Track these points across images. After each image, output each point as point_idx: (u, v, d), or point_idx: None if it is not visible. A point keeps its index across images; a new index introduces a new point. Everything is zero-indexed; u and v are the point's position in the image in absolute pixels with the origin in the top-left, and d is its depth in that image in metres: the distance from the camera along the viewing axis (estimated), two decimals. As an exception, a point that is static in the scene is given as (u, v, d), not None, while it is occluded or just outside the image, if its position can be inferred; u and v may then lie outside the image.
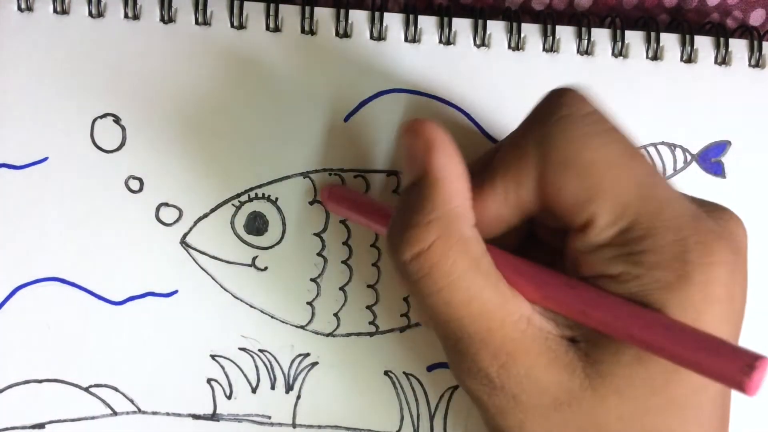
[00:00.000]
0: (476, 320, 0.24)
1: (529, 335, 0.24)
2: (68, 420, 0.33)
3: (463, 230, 0.24)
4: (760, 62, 0.33)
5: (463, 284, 0.24)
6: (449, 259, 0.24)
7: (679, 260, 0.23)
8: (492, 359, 0.24)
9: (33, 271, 0.33)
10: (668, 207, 0.24)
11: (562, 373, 0.24)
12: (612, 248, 0.24)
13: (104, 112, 0.33)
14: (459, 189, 0.25)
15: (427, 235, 0.24)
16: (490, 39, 0.32)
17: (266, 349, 0.33)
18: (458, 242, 0.24)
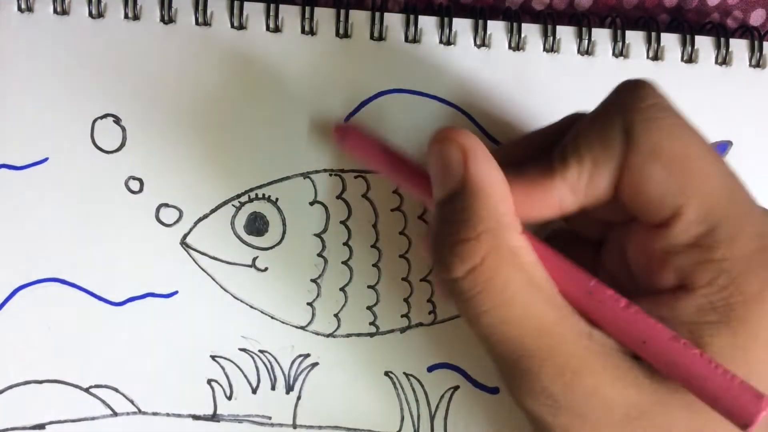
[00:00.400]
0: (536, 337, 0.23)
1: (593, 351, 0.23)
2: (68, 420, 0.33)
3: (514, 241, 0.23)
4: (761, 62, 0.33)
5: (519, 299, 0.23)
6: (503, 273, 0.23)
7: (766, 268, 0.22)
8: (556, 377, 0.23)
9: (33, 272, 0.33)
10: (753, 211, 0.23)
11: (630, 388, 0.23)
12: (695, 251, 0.23)
13: (104, 113, 0.33)
14: (502, 197, 0.24)
15: (478, 250, 0.23)
16: (491, 39, 0.32)
17: (266, 349, 0.33)
18: (510, 255, 0.23)
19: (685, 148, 0.23)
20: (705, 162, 0.23)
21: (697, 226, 0.23)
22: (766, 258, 0.22)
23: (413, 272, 0.33)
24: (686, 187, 0.23)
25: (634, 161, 0.23)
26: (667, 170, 0.23)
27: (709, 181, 0.23)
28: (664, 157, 0.23)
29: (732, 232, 0.22)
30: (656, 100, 0.24)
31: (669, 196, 0.23)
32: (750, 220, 0.23)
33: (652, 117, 0.23)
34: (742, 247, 0.22)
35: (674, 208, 0.23)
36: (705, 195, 0.23)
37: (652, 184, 0.23)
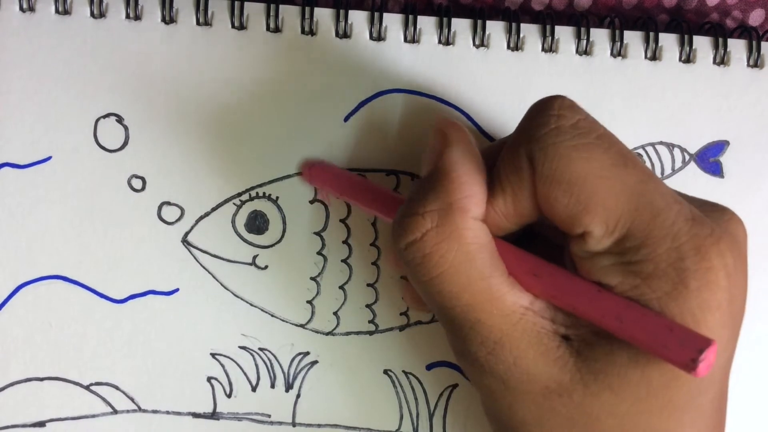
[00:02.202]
0: (466, 310, 0.25)
1: (520, 327, 0.25)
2: (69, 418, 0.33)
3: (460, 222, 0.25)
4: (759, 62, 0.33)
5: (454, 276, 0.25)
6: (440, 249, 0.25)
7: (675, 268, 0.23)
8: (480, 346, 0.25)
9: (35, 270, 0.33)
10: (662, 215, 0.24)
11: (552, 365, 0.25)
12: (609, 256, 0.24)
13: (107, 112, 0.33)
14: (465, 182, 0.25)
15: (421, 225, 0.25)
16: (490, 39, 0.33)
17: (266, 347, 0.33)
18: (452, 234, 0.25)
19: (582, 168, 0.24)
20: (604, 178, 0.24)
21: (605, 240, 0.24)
22: (675, 258, 0.23)
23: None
24: (587, 207, 0.24)
25: (540, 188, 0.25)
26: (567, 193, 0.24)
27: (609, 196, 0.24)
28: (563, 182, 0.24)
29: (640, 238, 0.23)
30: (556, 123, 0.25)
31: (575, 216, 0.24)
32: (657, 223, 0.24)
33: (550, 143, 0.24)
34: (651, 250, 0.23)
35: (582, 227, 0.24)
36: (607, 211, 0.24)
37: (558, 207, 0.24)
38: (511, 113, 0.33)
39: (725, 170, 0.33)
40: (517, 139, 0.25)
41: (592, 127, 0.25)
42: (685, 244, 0.23)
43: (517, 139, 0.26)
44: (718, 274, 0.23)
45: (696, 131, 0.33)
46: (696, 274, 0.23)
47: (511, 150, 0.26)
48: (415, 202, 0.26)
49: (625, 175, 0.24)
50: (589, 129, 0.25)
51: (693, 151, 0.33)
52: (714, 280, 0.23)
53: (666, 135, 0.33)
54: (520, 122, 0.26)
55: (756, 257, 0.33)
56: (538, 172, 0.24)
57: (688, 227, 0.24)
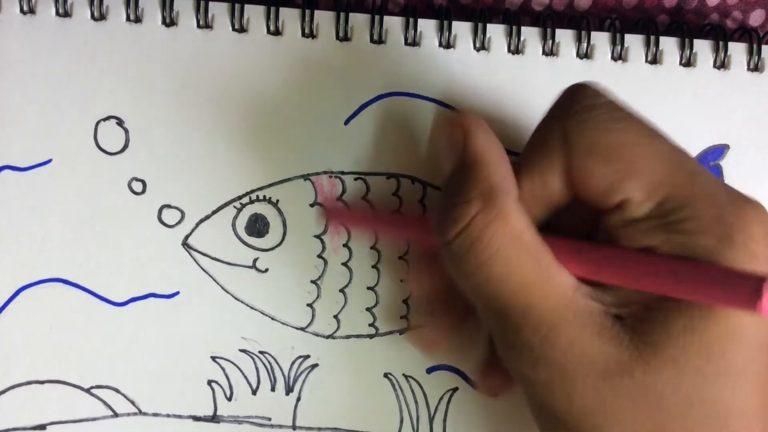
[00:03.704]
0: (516, 294, 0.24)
1: (572, 309, 0.24)
2: (69, 421, 0.33)
3: (503, 204, 0.25)
4: (759, 66, 0.33)
5: (503, 258, 0.24)
6: (489, 232, 0.24)
7: (718, 223, 0.23)
8: (534, 332, 0.24)
9: (36, 272, 0.33)
10: (699, 177, 0.24)
11: (609, 344, 0.24)
12: (650, 221, 0.24)
13: (107, 115, 0.33)
14: (499, 167, 0.26)
15: (467, 211, 0.25)
16: (490, 42, 0.33)
17: (267, 350, 0.33)
18: (498, 216, 0.24)
19: (619, 138, 0.25)
20: (641, 145, 0.25)
21: (646, 204, 0.24)
22: (717, 215, 0.23)
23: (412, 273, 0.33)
24: (626, 173, 0.24)
25: (576, 162, 0.25)
26: (605, 162, 0.24)
27: (648, 162, 0.24)
28: (601, 152, 0.24)
29: (680, 199, 0.24)
30: (590, 101, 0.25)
31: (614, 184, 0.24)
32: (696, 185, 0.24)
33: (585, 117, 0.25)
34: (693, 209, 0.24)
35: (622, 195, 0.24)
36: (646, 175, 0.24)
37: (596, 179, 0.25)
38: (512, 117, 0.33)
39: (725, 174, 0.33)
40: (551, 117, 0.26)
41: (623, 106, 0.26)
42: (725, 203, 0.24)
43: (550, 116, 0.26)
44: (759, 229, 0.24)
45: (696, 135, 0.33)
46: (740, 228, 0.23)
47: (543, 128, 0.26)
48: (454, 193, 0.25)
49: (660, 143, 0.25)
50: (619, 107, 0.25)
51: (693, 155, 0.33)
52: (756, 235, 0.23)
53: (666, 138, 0.33)
54: (552, 103, 0.26)
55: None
56: (575, 145, 0.25)
57: (724, 188, 0.24)
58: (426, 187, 0.33)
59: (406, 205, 0.33)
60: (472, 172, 0.25)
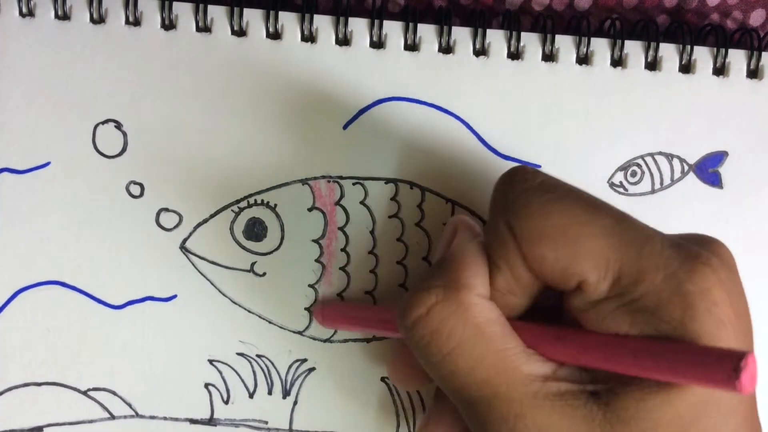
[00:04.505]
0: (481, 386, 0.24)
1: (541, 395, 0.24)
2: (66, 423, 0.33)
3: (464, 297, 0.25)
4: (758, 73, 0.33)
5: (465, 351, 0.24)
6: (449, 324, 0.25)
7: (678, 294, 0.23)
8: (501, 422, 0.24)
9: (34, 275, 0.33)
10: (647, 246, 0.24)
11: (580, 424, 0.24)
12: (611, 301, 0.24)
13: (106, 118, 0.33)
14: (469, 264, 0.26)
15: (425, 300, 0.25)
16: (489, 47, 0.33)
17: (264, 354, 0.33)
18: (458, 309, 0.25)
19: (558, 221, 0.24)
20: (581, 224, 0.24)
21: (602, 284, 0.24)
22: (674, 285, 0.23)
23: (410, 279, 0.33)
24: (575, 256, 0.24)
25: (526, 251, 0.25)
26: (552, 248, 0.24)
27: (591, 241, 0.24)
28: (544, 238, 0.24)
29: (634, 275, 0.24)
30: (522, 186, 0.25)
31: (566, 268, 0.24)
32: (645, 255, 0.24)
33: (522, 204, 0.25)
34: (648, 284, 0.23)
35: (577, 277, 0.24)
36: (595, 255, 0.24)
37: (547, 264, 0.24)
38: (511, 122, 0.33)
39: (724, 181, 0.33)
40: (494, 210, 0.26)
41: (557, 183, 0.25)
42: (678, 270, 0.23)
43: (493, 210, 0.26)
44: (718, 292, 0.23)
45: (695, 141, 0.33)
46: (699, 295, 0.23)
47: (490, 226, 0.26)
48: (420, 281, 0.26)
49: (601, 217, 0.25)
50: (555, 185, 0.25)
51: (692, 162, 0.33)
52: (717, 298, 0.23)
53: (665, 145, 0.33)
54: (490, 200, 0.27)
55: (756, 267, 0.33)
56: (519, 236, 0.25)
57: (676, 253, 0.24)
58: (425, 192, 0.33)
59: (404, 210, 0.33)
60: (443, 266, 0.26)
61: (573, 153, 0.33)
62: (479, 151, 0.33)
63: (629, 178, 0.33)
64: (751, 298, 0.33)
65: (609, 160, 0.33)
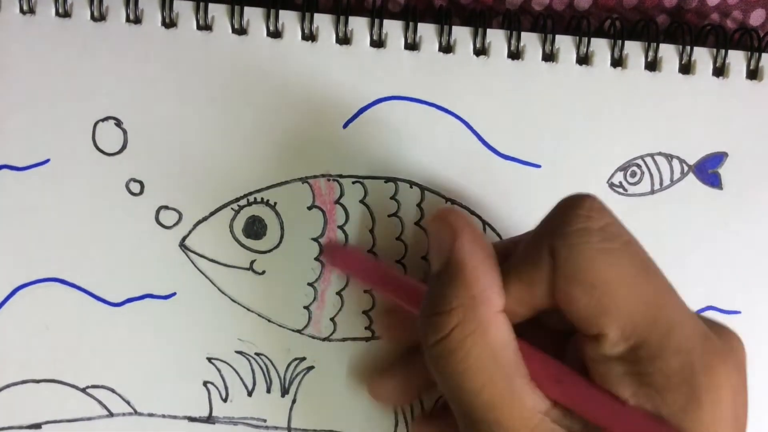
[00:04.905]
0: (485, 408, 0.25)
1: (541, 429, 0.25)
2: (65, 420, 0.33)
3: (483, 317, 0.25)
4: (758, 74, 0.33)
5: (477, 371, 0.25)
6: (466, 344, 0.25)
7: (688, 384, 0.24)
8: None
9: (33, 272, 0.33)
10: (677, 329, 0.24)
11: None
12: (622, 363, 0.24)
13: (106, 115, 0.33)
14: (483, 273, 0.26)
15: (447, 323, 0.25)
16: (489, 47, 0.33)
17: (263, 352, 0.33)
18: (477, 329, 0.25)
19: (605, 272, 0.24)
20: (625, 285, 0.24)
21: (620, 345, 0.24)
22: (688, 373, 0.24)
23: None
24: (606, 310, 0.24)
25: (560, 284, 0.25)
26: (587, 294, 0.24)
27: (628, 304, 0.24)
28: (584, 282, 0.24)
29: (654, 350, 0.24)
30: (585, 224, 0.25)
31: (592, 317, 0.24)
32: (672, 337, 0.24)
33: (575, 242, 0.24)
34: (665, 364, 0.24)
35: (598, 329, 0.24)
36: (625, 317, 0.24)
37: (576, 306, 0.24)
38: (511, 122, 0.33)
39: (724, 182, 0.33)
40: (542, 232, 0.26)
41: (619, 232, 0.25)
42: (697, 361, 0.24)
43: (541, 231, 0.26)
44: (726, 392, 0.24)
45: (695, 142, 0.33)
46: (708, 391, 0.24)
47: (533, 242, 0.26)
48: (438, 299, 0.26)
49: (646, 284, 0.25)
50: (617, 234, 0.25)
51: (692, 162, 0.33)
52: (723, 397, 0.24)
53: (665, 146, 0.33)
54: (546, 215, 0.26)
55: (755, 268, 0.33)
56: (560, 269, 0.25)
57: (701, 344, 0.24)
58: (424, 191, 0.33)
59: (404, 209, 0.33)
60: (456, 279, 0.26)
61: (572, 153, 0.33)
62: (479, 150, 0.33)
63: (629, 178, 0.33)
64: (750, 299, 0.34)
65: (609, 161, 0.33)
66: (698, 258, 0.33)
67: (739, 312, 0.33)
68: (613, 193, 0.33)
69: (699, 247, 0.33)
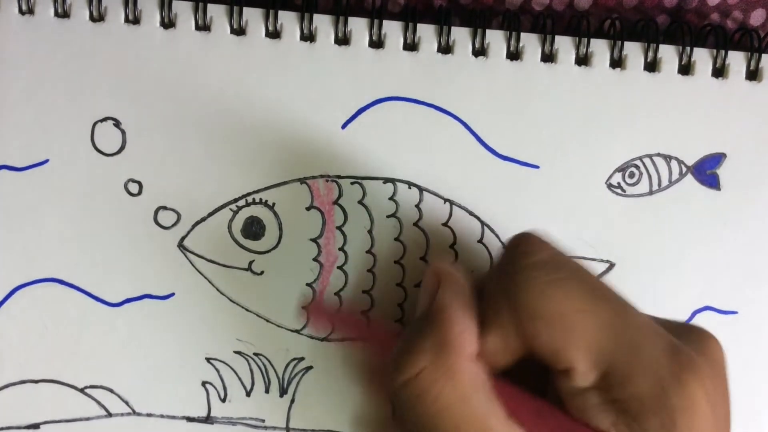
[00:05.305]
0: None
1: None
2: (63, 420, 0.33)
3: (454, 362, 0.25)
4: (757, 75, 0.33)
5: (450, 416, 0.25)
6: (436, 387, 0.25)
7: (661, 406, 0.24)
8: None
9: (32, 272, 0.33)
10: (642, 350, 0.24)
11: None
12: (596, 393, 0.24)
13: (105, 116, 0.33)
14: (457, 320, 0.26)
15: (417, 362, 0.25)
16: (489, 48, 0.33)
17: (261, 352, 0.33)
18: (447, 373, 0.25)
19: (559, 305, 0.24)
20: (582, 312, 0.24)
21: (590, 375, 0.24)
22: (660, 395, 0.23)
23: (408, 278, 0.33)
24: (569, 342, 0.24)
25: (521, 324, 0.25)
26: (548, 329, 0.24)
27: (588, 332, 0.24)
28: (542, 317, 0.24)
29: (623, 375, 0.24)
30: (530, 260, 0.25)
31: (557, 352, 0.24)
32: (638, 359, 0.24)
33: (524, 280, 0.25)
34: (636, 388, 0.24)
35: (566, 362, 0.24)
36: (588, 346, 0.24)
37: (540, 342, 0.24)
38: (510, 123, 0.33)
39: (722, 183, 0.33)
40: (495, 279, 0.26)
41: (564, 262, 0.25)
42: (666, 378, 0.24)
43: (494, 279, 0.26)
44: (701, 406, 0.24)
45: (693, 143, 0.33)
46: (682, 412, 0.23)
47: (490, 291, 0.26)
48: (410, 340, 0.26)
49: (601, 309, 0.25)
50: (562, 263, 0.25)
51: (690, 163, 0.33)
52: (700, 415, 0.24)
53: (663, 147, 0.33)
54: (494, 262, 0.27)
55: (753, 269, 0.33)
56: (518, 309, 0.25)
57: (668, 360, 0.24)
58: (422, 192, 0.33)
59: (402, 209, 0.33)
60: (431, 323, 0.26)
61: (571, 154, 0.33)
62: (477, 151, 0.33)
63: (627, 179, 0.33)
64: (747, 300, 0.34)
65: (607, 161, 0.33)
66: (696, 258, 0.33)
67: (736, 312, 0.33)
68: (611, 194, 0.33)
69: (697, 247, 0.33)
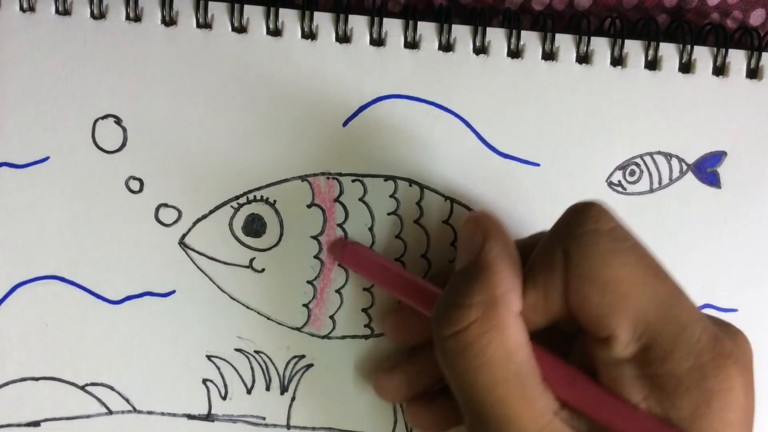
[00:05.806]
0: (497, 405, 0.25)
1: (551, 429, 0.25)
2: (64, 418, 0.33)
3: (503, 317, 0.25)
4: (758, 73, 0.33)
5: (492, 369, 0.25)
6: (482, 341, 0.25)
7: (698, 388, 0.24)
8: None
9: (32, 269, 0.33)
10: (688, 330, 0.24)
11: None
12: (633, 365, 0.25)
13: (105, 113, 0.33)
14: (507, 276, 0.26)
15: (466, 316, 0.25)
16: (489, 46, 0.33)
17: (262, 350, 0.33)
18: (495, 328, 0.25)
19: (616, 272, 0.25)
20: (637, 285, 0.25)
21: (631, 346, 0.25)
22: (698, 376, 0.24)
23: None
24: (618, 310, 0.24)
25: (572, 285, 0.25)
26: (599, 293, 0.25)
27: (640, 303, 0.24)
28: (597, 282, 0.25)
29: (665, 351, 0.24)
30: (595, 226, 0.25)
31: (604, 317, 0.25)
32: (683, 338, 0.24)
33: (587, 243, 0.25)
34: (675, 366, 0.24)
35: (609, 329, 0.25)
36: (636, 317, 0.24)
37: (588, 307, 0.25)
38: (510, 120, 0.33)
39: (722, 181, 0.33)
40: (554, 236, 0.26)
41: (627, 235, 0.26)
42: (707, 363, 0.24)
43: (553, 236, 0.26)
44: (738, 395, 0.24)
45: (694, 141, 0.33)
46: (719, 395, 0.24)
47: (546, 246, 0.26)
48: (458, 293, 0.26)
49: (657, 285, 0.25)
50: (625, 236, 0.25)
51: (691, 161, 0.33)
52: (734, 400, 0.24)
53: (664, 145, 0.33)
54: (557, 221, 0.27)
55: (753, 268, 0.33)
56: (573, 269, 0.25)
57: (711, 346, 0.24)
58: (423, 189, 0.33)
59: (403, 207, 0.33)
60: (481, 277, 0.26)
61: (572, 152, 0.33)
62: (478, 149, 0.33)
63: (628, 177, 0.33)
64: (747, 298, 0.34)
65: (608, 159, 0.33)
66: (696, 256, 0.33)
67: (736, 310, 0.33)
68: (612, 192, 0.33)
69: (697, 245, 0.33)
